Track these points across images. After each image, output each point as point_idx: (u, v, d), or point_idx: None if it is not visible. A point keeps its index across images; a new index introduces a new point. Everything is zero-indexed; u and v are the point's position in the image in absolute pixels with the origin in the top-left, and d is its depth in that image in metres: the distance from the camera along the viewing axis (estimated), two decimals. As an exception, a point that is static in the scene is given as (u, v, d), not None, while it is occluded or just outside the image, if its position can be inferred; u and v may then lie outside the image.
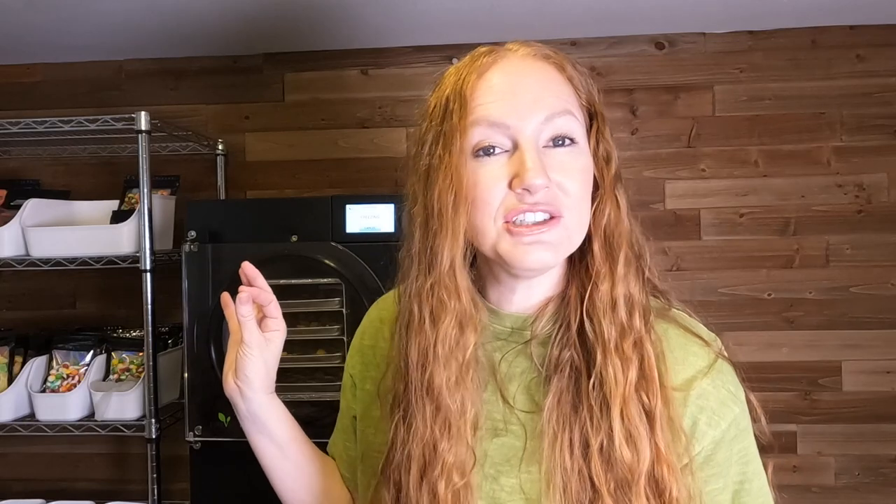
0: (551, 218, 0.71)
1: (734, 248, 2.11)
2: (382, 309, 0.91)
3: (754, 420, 0.76)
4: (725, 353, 0.76)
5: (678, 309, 0.79)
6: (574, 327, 0.74)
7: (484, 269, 0.79)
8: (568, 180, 0.71)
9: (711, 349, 0.75)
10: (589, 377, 0.71)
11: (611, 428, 0.69)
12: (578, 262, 0.76)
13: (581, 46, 2.14)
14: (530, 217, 0.70)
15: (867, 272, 2.09)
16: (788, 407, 2.09)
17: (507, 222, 0.71)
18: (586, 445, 0.70)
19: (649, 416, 0.69)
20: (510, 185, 0.70)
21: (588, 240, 0.74)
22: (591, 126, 0.76)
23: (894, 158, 2.08)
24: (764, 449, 0.77)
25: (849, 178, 2.09)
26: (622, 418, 0.69)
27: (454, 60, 2.17)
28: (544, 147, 0.71)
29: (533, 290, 0.77)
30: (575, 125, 0.73)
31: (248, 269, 0.90)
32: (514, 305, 0.78)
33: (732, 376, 0.75)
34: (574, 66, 0.76)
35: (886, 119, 2.08)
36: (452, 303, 0.72)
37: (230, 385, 0.84)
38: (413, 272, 0.75)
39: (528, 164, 0.69)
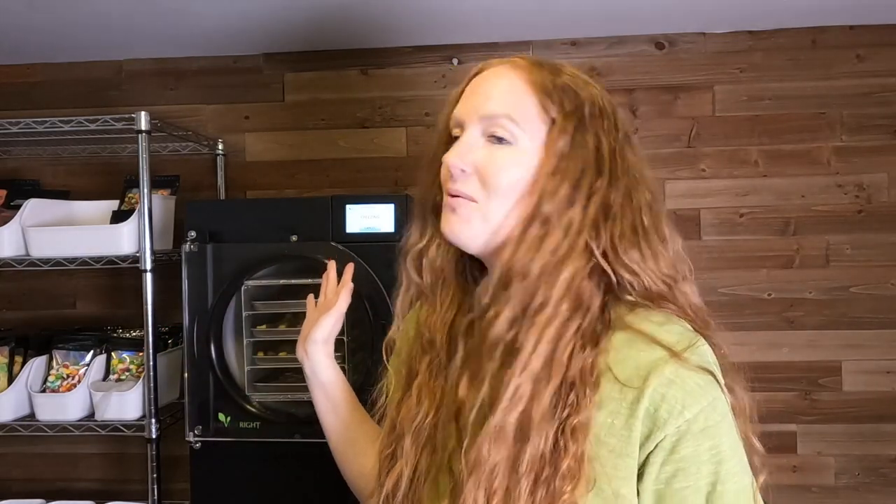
0: (469, 202, 0.81)
1: (734, 248, 2.11)
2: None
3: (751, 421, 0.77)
4: (695, 352, 0.75)
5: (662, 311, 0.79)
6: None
7: None
8: (490, 171, 0.80)
9: (682, 340, 0.75)
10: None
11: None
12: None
13: (581, 46, 2.14)
14: (455, 201, 0.83)
15: (867, 272, 2.09)
16: (788, 407, 2.09)
17: (447, 196, 0.84)
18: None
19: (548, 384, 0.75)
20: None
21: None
22: (552, 130, 0.81)
23: (894, 158, 2.08)
24: (764, 449, 0.77)
25: (849, 178, 2.09)
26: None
27: (454, 60, 2.17)
28: (487, 141, 0.82)
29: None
30: (513, 128, 0.80)
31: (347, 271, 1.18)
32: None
33: (701, 372, 0.74)
34: (552, 75, 0.82)
35: (886, 119, 2.08)
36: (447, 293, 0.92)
37: (299, 350, 1.12)
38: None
39: (454, 147, 0.83)
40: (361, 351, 1.65)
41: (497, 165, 0.80)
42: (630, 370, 0.74)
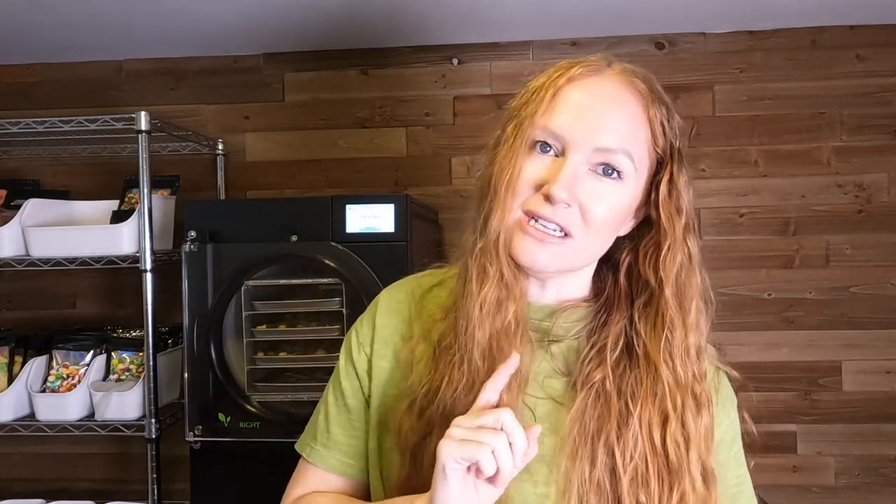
0: (564, 235, 0.74)
1: (734, 248, 2.11)
2: (392, 298, 0.89)
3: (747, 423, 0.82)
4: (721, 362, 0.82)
5: None
6: (613, 353, 0.77)
7: None
8: (595, 207, 0.73)
9: (711, 359, 0.80)
10: (628, 407, 0.75)
11: (684, 473, 0.73)
12: (627, 292, 0.80)
13: (581, 46, 2.14)
14: (542, 225, 0.73)
15: (867, 272, 2.09)
16: (788, 407, 2.09)
17: (525, 214, 0.74)
18: (612, 463, 0.72)
19: (707, 451, 0.75)
20: (539, 188, 0.74)
21: (659, 286, 0.77)
22: (658, 170, 0.78)
23: (894, 158, 2.08)
24: (765, 449, 0.81)
25: (849, 178, 2.09)
26: (696, 463, 0.73)
27: (454, 60, 2.17)
28: (590, 170, 0.74)
29: (547, 287, 0.80)
30: (628, 165, 0.74)
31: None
32: (532, 296, 0.80)
33: (728, 381, 0.81)
34: (659, 108, 0.77)
35: (886, 119, 2.08)
36: (494, 270, 0.75)
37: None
38: (469, 232, 0.79)
39: (561, 175, 0.72)
40: (361, 351, 1.65)
41: (605, 202, 0.74)
42: None
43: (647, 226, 0.79)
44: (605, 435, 0.73)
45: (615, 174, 0.74)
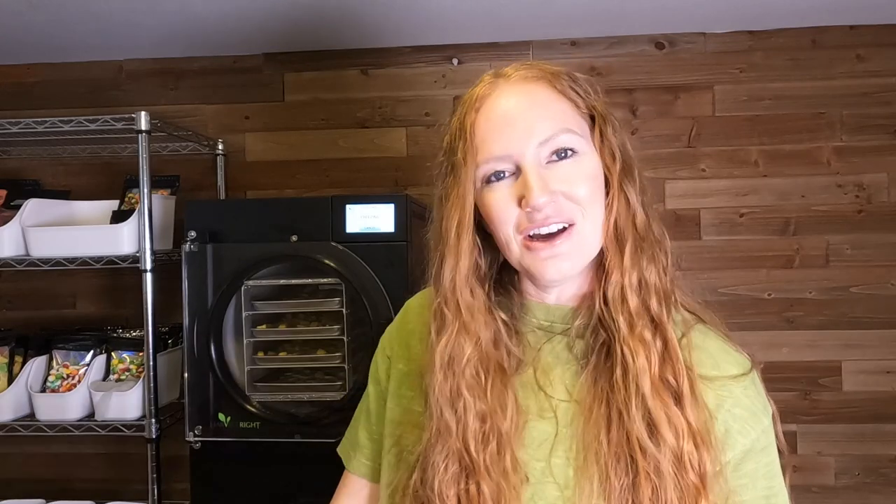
0: (565, 228, 0.75)
1: (734, 248, 2.11)
2: (424, 297, 0.93)
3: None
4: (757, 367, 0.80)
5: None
6: (596, 319, 0.79)
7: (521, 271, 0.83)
8: (574, 188, 0.75)
9: (747, 361, 0.80)
10: (614, 367, 0.75)
11: (647, 411, 0.72)
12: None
13: (581, 46, 2.14)
14: (544, 230, 0.75)
15: (867, 272, 2.09)
16: (788, 407, 2.09)
17: (524, 237, 0.76)
18: (624, 428, 0.72)
19: (677, 396, 0.73)
20: (519, 205, 0.76)
21: (603, 234, 0.78)
22: (592, 129, 0.79)
23: (894, 158, 2.08)
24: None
25: (849, 178, 2.09)
26: (655, 401, 0.72)
27: (454, 60, 2.17)
28: (548, 163, 0.76)
29: (565, 290, 0.82)
30: (573, 138, 0.76)
31: None
32: (552, 299, 0.82)
33: (763, 391, 0.79)
34: (568, 77, 0.80)
35: (886, 119, 2.08)
36: (453, 318, 0.78)
37: None
38: (433, 289, 0.82)
39: (531, 184, 0.74)
40: (361, 351, 1.65)
41: (578, 179, 0.76)
42: (709, 370, 0.78)
43: None
44: (610, 405, 0.74)
45: (568, 153, 0.76)
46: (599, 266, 0.80)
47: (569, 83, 0.79)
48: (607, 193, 0.78)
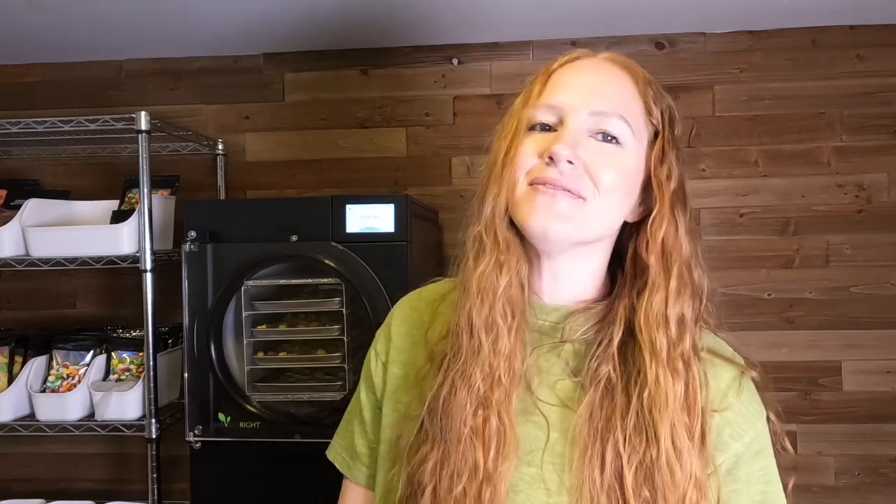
0: (576, 198, 0.74)
1: (734, 248, 2.11)
2: (412, 299, 0.92)
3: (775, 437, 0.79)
4: (750, 372, 0.79)
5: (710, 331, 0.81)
6: (616, 343, 0.76)
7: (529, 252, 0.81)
8: (600, 170, 0.74)
9: (736, 366, 0.78)
10: (629, 395, 0.73)
11: (658, 443, 0.70)
12: (631, 278, 0.79)
13: (581, 46, 2.10)
14: (553, 175, 0.73)
15: (867, 272, 2.09)
16: (788, 407, 2.08)
17: (531, 185, 0.75)
18: (619, 463, 0.71)
19: (690, 436, 0.71)
20: (541, 156, 0.75)
21: (646, 253, 0.77)
22: (654, 141, 0.79)
23: (894, 158, 2.08)
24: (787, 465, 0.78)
25: (849, 178, 2.09)
26: (671, 434, 0.70)
27: (454, 60, 2.17)
28: (590, 136, 0.75)
29: (560, 280, 0.80)
30: (625, 129, 0.75)
31: None
32: (546, 296, 0.80)
33: (756, 393, 0.78)
34: (652, 85, 0.80)
35: (886, 119, 2.08)
36: (491, 246, 0.77)
37: None
38: (472, 219, 0.81)
39: (562, 137, 0.73)
40: (361, 351, 1.65)
41: (610, 164, 0.75)
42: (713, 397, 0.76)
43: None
44: (613, 433, 0.72)
45: (614, 140, 0.75)
46: (612, 280, 0.80)
47: (650, 90, 0.79)
48: (643, 211, 0.79)
